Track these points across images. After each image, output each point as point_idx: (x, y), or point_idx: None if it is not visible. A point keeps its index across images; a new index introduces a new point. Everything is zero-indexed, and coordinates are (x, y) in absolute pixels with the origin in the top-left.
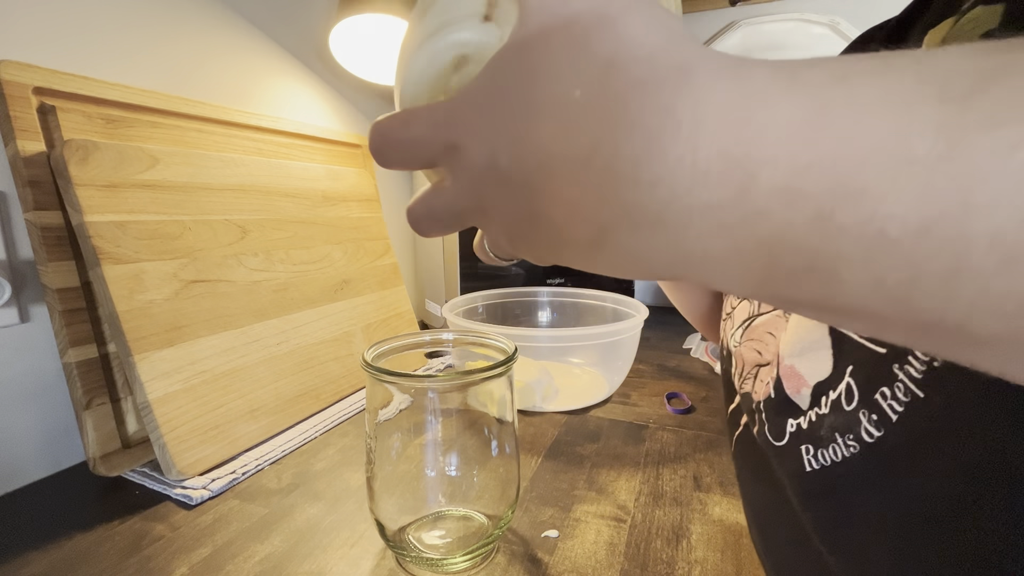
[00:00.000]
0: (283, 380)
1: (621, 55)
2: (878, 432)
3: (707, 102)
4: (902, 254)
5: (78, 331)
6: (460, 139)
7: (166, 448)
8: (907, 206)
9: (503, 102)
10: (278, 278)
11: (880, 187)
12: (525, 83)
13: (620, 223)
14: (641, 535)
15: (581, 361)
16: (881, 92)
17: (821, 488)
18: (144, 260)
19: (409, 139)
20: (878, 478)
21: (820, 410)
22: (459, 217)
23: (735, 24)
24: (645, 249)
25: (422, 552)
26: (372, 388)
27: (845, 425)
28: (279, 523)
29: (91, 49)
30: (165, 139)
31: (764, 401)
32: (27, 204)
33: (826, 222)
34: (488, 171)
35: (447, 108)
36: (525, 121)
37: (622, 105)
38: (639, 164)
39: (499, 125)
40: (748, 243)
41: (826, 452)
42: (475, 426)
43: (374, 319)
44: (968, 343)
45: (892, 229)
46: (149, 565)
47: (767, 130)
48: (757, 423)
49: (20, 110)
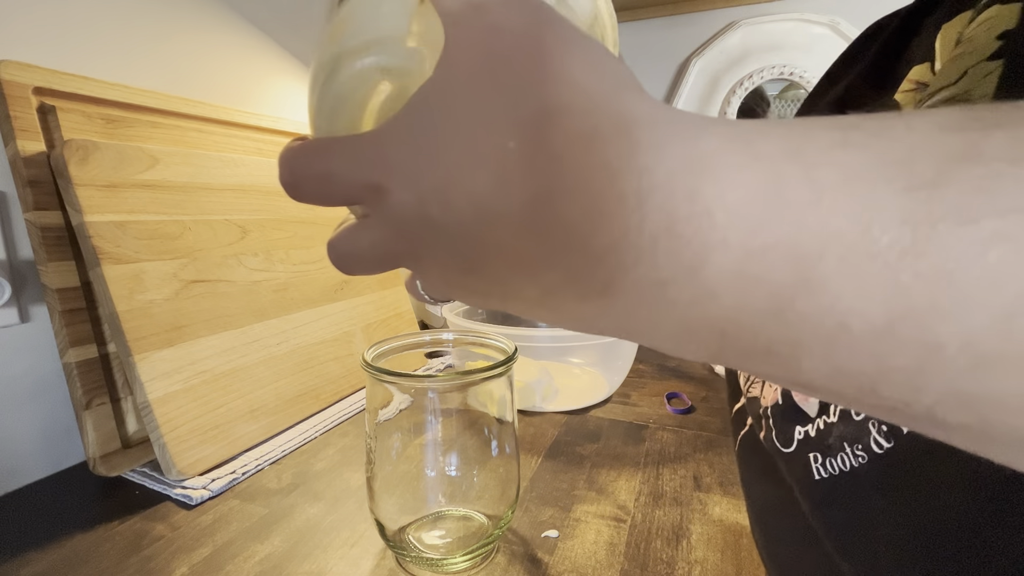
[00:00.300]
0: (283, 380)
1: (558, 103)
2: (887, 443)
3: (653, 170)
4: (865, 349)
5: (78, 331)
6: (384, 181)
7: (166, 448)
8: (870, 302)
9: (430, 145)
10: (278, 278)
11: (840, 280)
12: (454, 127)
13: (565, 288)
14: (641, 535)
15: (581, 361)
16: (840, 173)
17: (831, 496)
18: (144, 260)
19: (326, 174)
20: (888, 489)
21: (829, 418)
22: (387, 260)
23: (735, 24)
24: (592, 315)
25: (422, 552)
26: (372, 388)
27: (854, 435)
28: (279, 523)
29: (91, 49)
30: (165, 139)
31: (772, 407)
32: (27, 204)
33: (783, 311)
34: (417, 219)
35: (370, 144)
36: (457, 169)
37: (561, 163)
38: (583, 232)
39: (427, 170)
40: (700, 323)
41: (834, 461)
42: (475, 426)
43: (374, 319)
44: (938, 427)
45: (854, 324)
46: (149, 565)
47: (717, 208)
48: (764, 428)
49: (20, 110)
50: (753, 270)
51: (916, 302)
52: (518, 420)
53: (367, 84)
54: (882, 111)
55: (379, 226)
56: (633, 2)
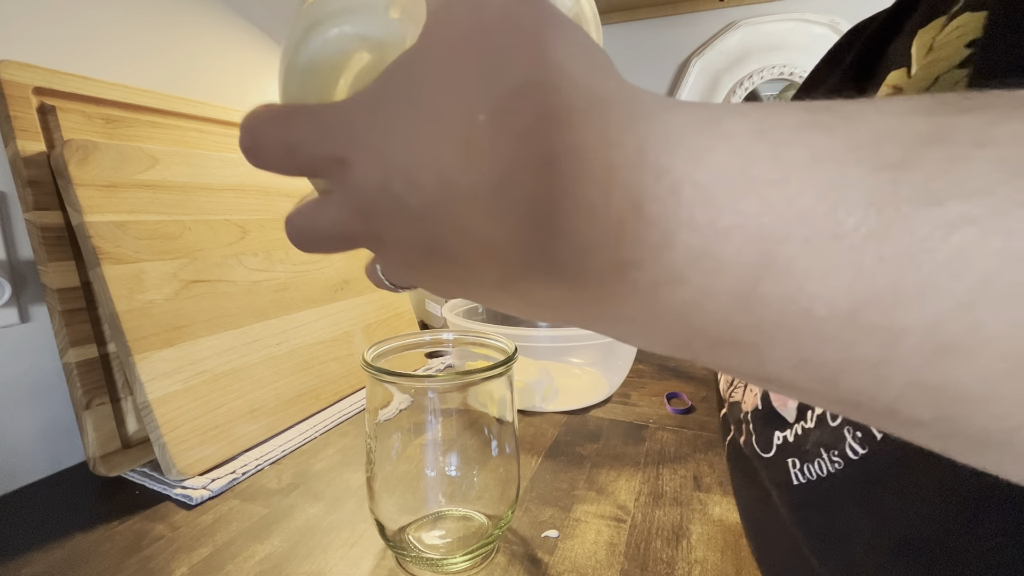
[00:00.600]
0: (283, 380)
1: (534, 79)
2: (863, 449)
3: (622, 146)
4: (830, 337)
5: (78, 331)
6: (348, 154)
7: (166, 448)
8: (835, 286)
9: (400, 117)
10: (278, 278)
11: (805, 262)
12: (425, 98)
13: (528, 271)
14: (641, 535)
15: (581, 361)
16: (808, 153)
17: (809, 501)
18: (144, 260)
19: (289, 142)
20: (864, 496)
21: (806, 424)
22: (347, 240)
23: (735, 24)
24: (555, 301)
25: (422, 552)
26: (372, 388)
27: (830, 440)
28: (279, 523)
29: (91, 49)
30: (165, 139)
31: (752, 412)
32: (27, 204)
33: (748, 296)
34: (381, 195)
35: (336, 114)
36: (425, 143)
37: (530, 139)
38: (549, 211)
39: (394, 144)
40: (666, 309)
41: (811, 467)
42: (475, 426)
43: (374, 319)
44: (901, 424)
45: (819, 310)
46: (149, 565)
47: (685, 185)
48: (745, 433)
49: (20, 110)
50: (719, 251)
51: (880, 286)
52: (518, 420)
53: (343, 52)
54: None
55: (341, 202)
56: (633, 2)
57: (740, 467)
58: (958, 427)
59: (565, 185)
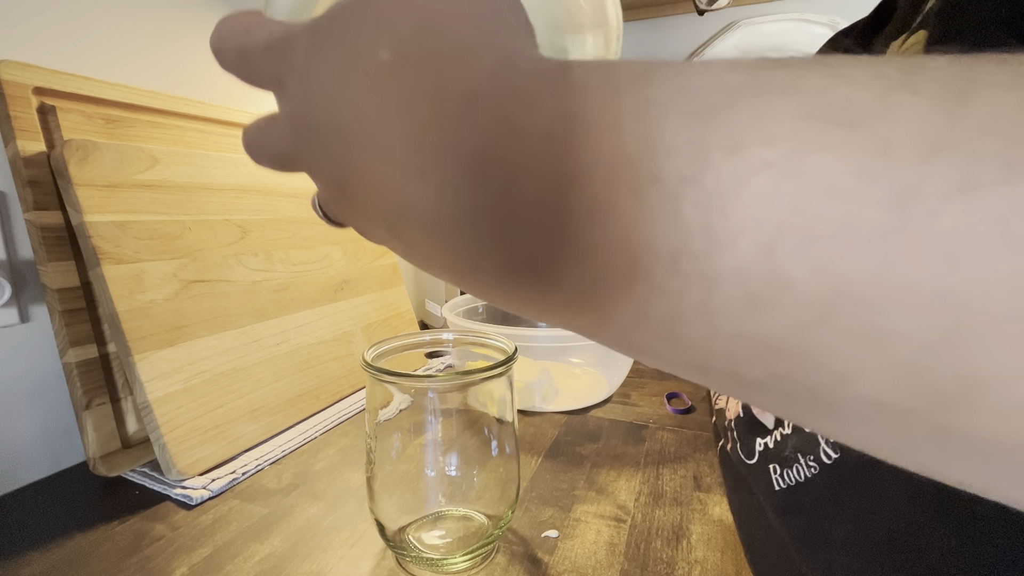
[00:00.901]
0: (283, 380)
1: (436, 22)
2: (835, 454)
3: (515, 86)
4: (656, 288)
5: (78, 331)
6: (285, 76)
7: (166, 448)
8: (655, 233)
9: (330, 49)
10: (278, 278)
11: (629, 207)
12: (352, 27)
13: (403, 216)
14: (641, 535)
15: (581, 361)
16: (643, 99)
17: (790, 507)
18: (144, 260)
19: (244, 52)
20: (838, 498)
21: (784, 430)
22: (284, 161)
23: (735, 24)
24: (434, 255)
25: (422, 552)
26: (372, 388)
27: (807, 446)
28: (279, 523)
29: (91, 49)
30: (165, 139)
31: (735, 419)
32: (27, 204)
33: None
34: (304, 122)
35: (283, 35)
36: (342, 71)
37: (417, 75)
38: (416, 148)
39: (320, 75)
40: (522, 266)
41: (790, 472)
42: (475, 426)
43: (374, 319)
44: (747, 388)
45: (644, 259)
46: (149, 565)
47: (550, 129)
48: (730, 440)
49: (20, 110)
50: (559, 192)
51: (694, 232)
52: (518, 420)
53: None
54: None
55: (280, 122)
56: (634, 2)
57: (730, 473)
58: (790, 388)
59: (424, 124)
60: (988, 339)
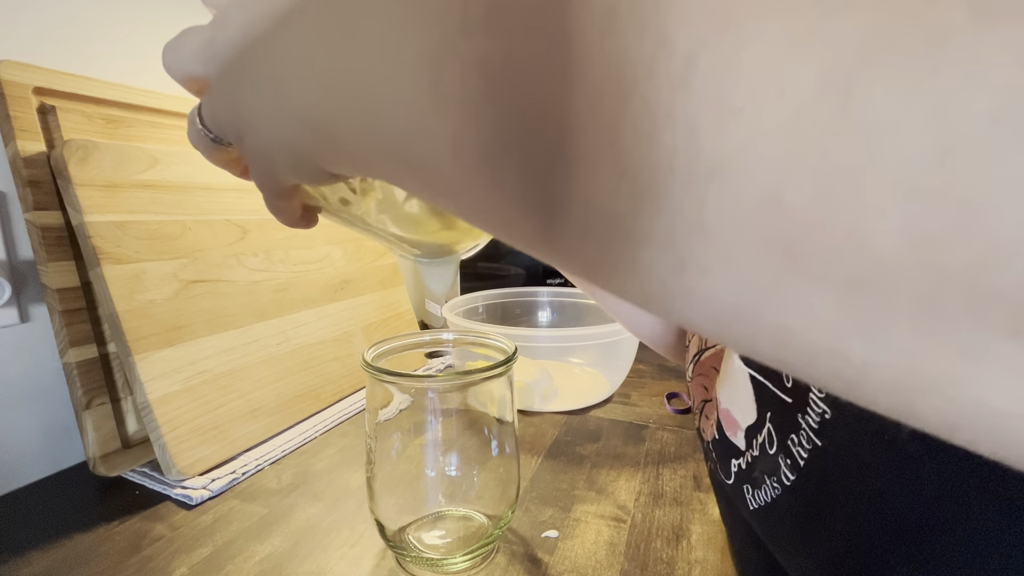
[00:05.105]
0: (283, 380)
1: None
2: (792, 476)
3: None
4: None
5: (78, 331)
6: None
7: (166, 448)
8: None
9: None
10: (278, 278)
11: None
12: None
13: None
14: (641, 535)
15: (581, 361)
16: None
17: (763, 526)
18: (144, 260)
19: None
20: (799, 519)
21: (753, 452)
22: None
23: None
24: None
25: (422, 552)
26: (372, 388)
27: (771, 468)
28: (279, 523)
29: (91, 49)
30: (165, 139)
31: (712, 441)
32: (27, 204)
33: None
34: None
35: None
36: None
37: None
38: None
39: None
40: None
41: (759, 493)
42: (475, 426)
43: (374, 319)
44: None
45: (623, 140)
46: (149, 565)
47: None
48: (711, 461)
49: (20, 110)
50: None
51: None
52: (518, 420)
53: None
54: None
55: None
56: None
57: (718, 492)
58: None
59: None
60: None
